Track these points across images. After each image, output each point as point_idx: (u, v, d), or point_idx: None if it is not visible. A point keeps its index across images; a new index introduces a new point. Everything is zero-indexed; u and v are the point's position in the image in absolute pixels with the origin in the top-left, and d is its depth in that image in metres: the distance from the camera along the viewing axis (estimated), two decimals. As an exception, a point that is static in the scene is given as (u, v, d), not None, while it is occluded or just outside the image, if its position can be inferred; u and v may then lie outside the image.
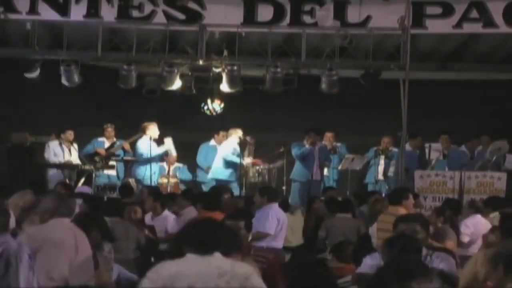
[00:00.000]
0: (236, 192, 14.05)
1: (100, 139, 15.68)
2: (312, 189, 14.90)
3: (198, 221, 7.24)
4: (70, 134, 15.31)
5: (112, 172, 15.50)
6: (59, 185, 12.01)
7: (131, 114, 16.78)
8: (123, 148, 15.57)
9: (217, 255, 5.01)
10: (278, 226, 10.11)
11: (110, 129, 15.65)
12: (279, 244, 10.12)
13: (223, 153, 15.23)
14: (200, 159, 16.01)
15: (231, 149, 15.18)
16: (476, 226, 10.07)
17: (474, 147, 15.62)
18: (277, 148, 15.75)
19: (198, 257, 4.98)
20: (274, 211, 10.19)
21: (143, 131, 15.27)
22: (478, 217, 10.36)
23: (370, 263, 6.45)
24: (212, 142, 15.98)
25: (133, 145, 15.60)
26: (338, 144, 16.10)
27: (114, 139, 15.69)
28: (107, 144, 15.62)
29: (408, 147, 14.72)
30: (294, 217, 11.75)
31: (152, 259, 8.99)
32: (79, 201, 9.13)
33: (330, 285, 6.83)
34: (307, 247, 11.12)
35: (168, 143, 15.34)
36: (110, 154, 15.46)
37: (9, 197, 7.18)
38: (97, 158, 15.23)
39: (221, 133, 15.74)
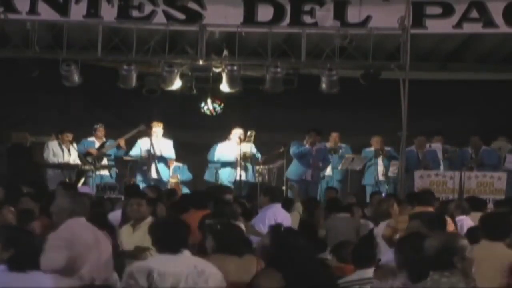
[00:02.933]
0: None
1: (90, 139, 15.51)
2: (310, 190, 14.86)
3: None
4: (67, 136, 15.20)
5: (105, 172, 15.45)
6: (59, 186, 11.93)
7: (131, 114, 16.77)
8: (118, 146, 15.49)
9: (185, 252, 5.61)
10: None
11: (101, 129, 15.57)
12: None
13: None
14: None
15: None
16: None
17: (478, 147, 15.55)
18: (277, 148, 15.74)
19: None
20: (272, 211, 10.11)
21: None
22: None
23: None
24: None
25: (132, 141, 15.57)
26: (343, 145, 16.07)
27: (104, 139, 15.63)
28: (97, 144, 15.54)
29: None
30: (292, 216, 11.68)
31: None
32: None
33: (330, 285, 6.82)
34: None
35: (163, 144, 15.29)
36: (102, 154, 15.39)
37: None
38: (89, 159, 15.16)
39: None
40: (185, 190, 15.01)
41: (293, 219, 11.47)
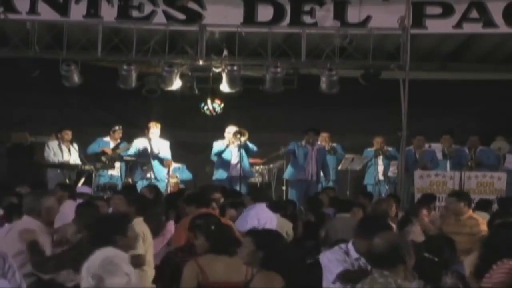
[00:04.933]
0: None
1: (105, 139, 15.58)
2: (311, 190, 14.84)
3: None
4: (67, 134, 15.24)
5: (115, 172, 15.46)
6: (57, 187, 11.89)
7: (131, 114, 16.78)
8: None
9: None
10: (257, 227, 9.96)
11: (120, 131, 15.61)
12: None
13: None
14: None
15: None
16: None
17: (476, 147, 15.54)
18: (277, 148, 15.73)
19: None
20: (255, 211, 10.06)
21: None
22: None
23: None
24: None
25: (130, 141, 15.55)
26: (334, 145, 16.06)
27: (118, 140, 15.66)
28: (112, 144, 15.58)
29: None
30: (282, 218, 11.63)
31: None
32: (79, 201, 9.14)
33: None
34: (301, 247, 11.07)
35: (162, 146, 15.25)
36: (116, 155, 15.42)
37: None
38: (103, 158, 15.17)
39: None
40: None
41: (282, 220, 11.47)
